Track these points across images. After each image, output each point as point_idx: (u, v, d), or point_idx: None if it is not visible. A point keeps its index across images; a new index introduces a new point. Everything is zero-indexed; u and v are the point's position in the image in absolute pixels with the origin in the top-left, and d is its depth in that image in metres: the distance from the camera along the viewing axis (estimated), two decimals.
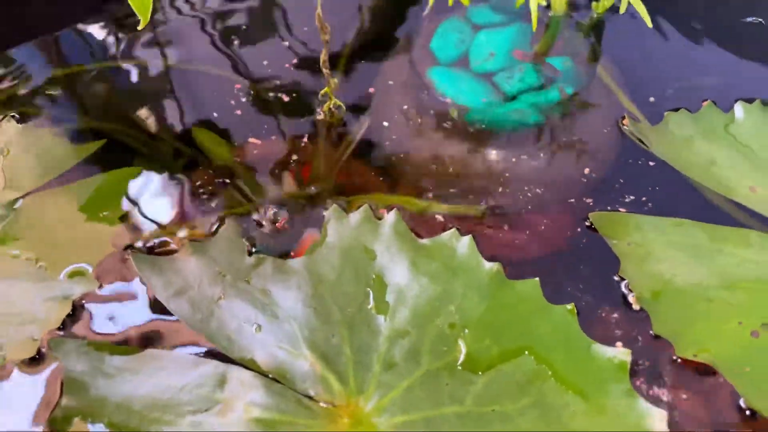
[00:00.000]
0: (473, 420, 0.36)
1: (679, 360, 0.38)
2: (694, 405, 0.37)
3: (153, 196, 0.47)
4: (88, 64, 0.57)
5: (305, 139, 0.51)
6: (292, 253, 0.43)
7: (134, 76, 0.56)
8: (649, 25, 0.47)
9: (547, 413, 0.36)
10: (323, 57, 0.47)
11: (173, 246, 0.43)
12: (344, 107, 0.51)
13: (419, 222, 0.46)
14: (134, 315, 0.41)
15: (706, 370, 0.38)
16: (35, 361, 0.38)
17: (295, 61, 0.56)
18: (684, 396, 0.37)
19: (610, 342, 0.39)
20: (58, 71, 0.56)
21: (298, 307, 0.40)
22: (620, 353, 0.37)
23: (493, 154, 0.51)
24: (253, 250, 0.43)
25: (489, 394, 0.36)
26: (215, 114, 0.53)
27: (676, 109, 0.51)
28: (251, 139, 0.51)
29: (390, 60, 0.58)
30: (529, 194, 0.48)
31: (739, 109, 0.50)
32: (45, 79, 0.55)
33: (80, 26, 0.60)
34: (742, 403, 0.37)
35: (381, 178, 0.49)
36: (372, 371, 0.38)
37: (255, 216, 0.45)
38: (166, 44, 0.59)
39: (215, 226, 0.45)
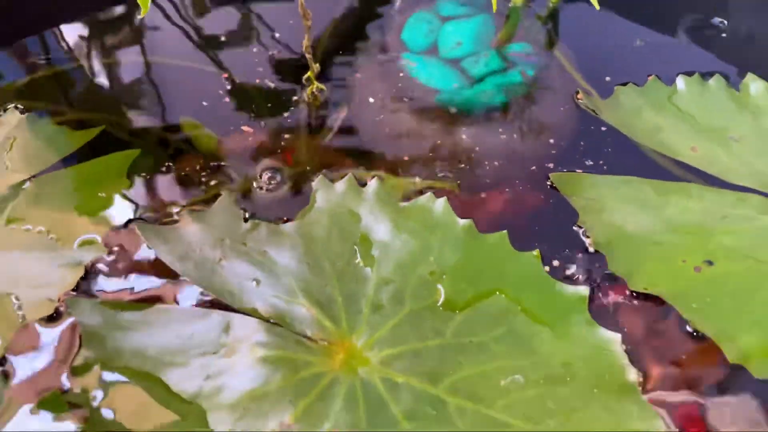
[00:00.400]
0: (454, 350, 0.40)
1: (632, 293, 0.43)
2: (646, 331, 0.42)
3: (150, 177, 0.51)
4: (75, 63, 0.61)
5: (288, 127, 0.55)
6: (284, 218, 0.48)
7: (120, 73, 0.60)
8: (597, 7, 0.53)
9: (518, 341, 0.40)
10: (305, 42, 0.51)
11: (175, 218, 0.47)
12: (326, 90, 0.56)
13: (398, 195, 0.50)
14: (142, 277, 0.45)
15: (655, 301, 0.43)
16: (53, 319, 0.42)
17: (274, 55, 0.61)
18: (637, 323, 0.42)
19: (571, 281, 0.44)
20: (48, 70, 0.60)
21: (293, 264, 0.44)
22: (580, 289, 0.42)
23: (463, 133, 0.56)
24: (247, 215, 0.47)
25: (467, 328, 0.41)
26: (201, 105, 0.57)
27: (625, 84, 0.57)
28: (239, 129, 0.55)
29: (364, 51, 0.63)
30: (497, 166, 0.53)
31: (680, 81, 0.56)
32: (36, 76, 0.59)
33: (64, 27, 0.64)
34: (688, 327, 0.42)
35: (360, 159, 0.54)
36: (362, 313, 0.42)
37: (254, 183, 0.49)
38: (149, 43, 0.63)
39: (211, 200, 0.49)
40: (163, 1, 0.67)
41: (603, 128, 0.54)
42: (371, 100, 0.58)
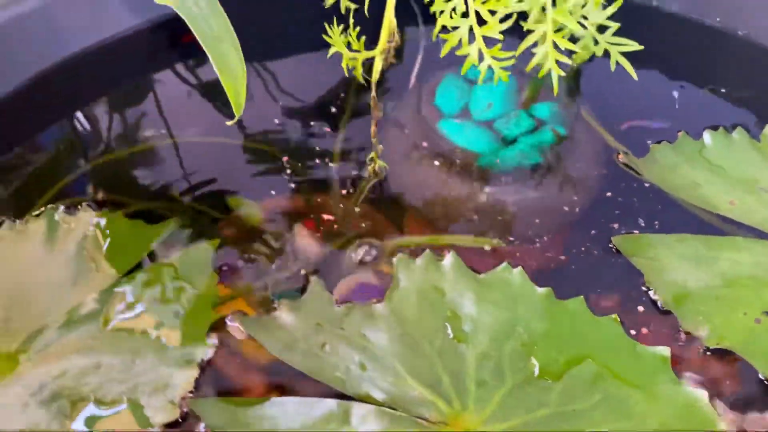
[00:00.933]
0: (559, 419, 0.44)
1: (706, 349, 0.48)
2: (725, 383, 0.46)
3: (229, 265, 0.54)
4: (104, 148, 0.62)
5: (321, 192, 0.58)
6: (374, 300, 0.51)
7: (154, 156, 0.62)
8: (635, 77, 0.57)
9: (614, 405, 0.44)
10: (373, 129, 0.55)
11: (274, 306, 0.50)
12: (387, 167, 0.59)
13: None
14: (252, 370, 0.47)
15: (729, 355, 0.47)
16: (178, 423, 0.44)
17: (294, 120, 0.64)
18: (716, 377, 0.47)
19: (650, 341, 0.48)
20: (88, 159, 0.62)
21: (393, 346, 0.47)
22: (661, 350, 0.46)
23: (504, 193, 0.60)
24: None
25: (567, 397, 0.45)
26: (230, 179, 0.60)
27: (658, 142, 0.61)
28: (272, 197, 0.58)
29: (396, 116, 0.67)
30: (541, 226, 0.57)
31: (707, 136, 0.61)
32: (80, 167, 0.61)
33: (83, 111, 0.66)
34: (760, 376, 0.46)
35: (400, 221, 0.57)
36: (468, 390, 0.45)
37: (352, 254, 0.53)
38: (173, 122, 0.65)
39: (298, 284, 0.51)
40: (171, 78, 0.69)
41: (646, 185, 0.59)
42: (416, 165, 0.62)
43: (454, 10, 0.47)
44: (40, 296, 0.49)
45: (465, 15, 0.47)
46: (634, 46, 0.55)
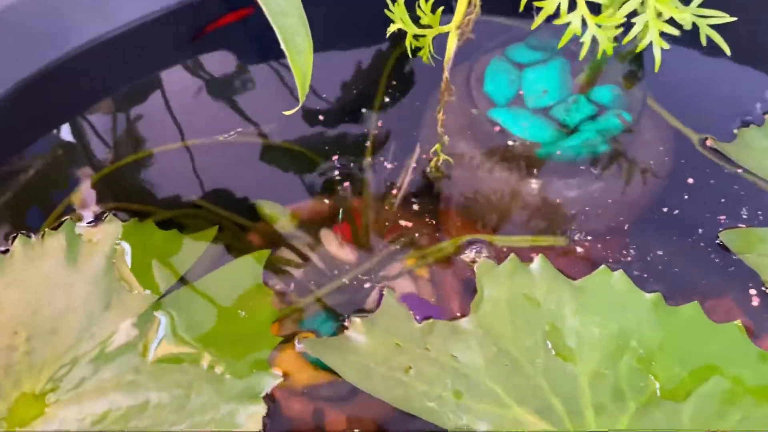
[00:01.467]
0: None
1: None
2: None
3: (279, 277, 0.46)
4: (114, 154, 0.55)
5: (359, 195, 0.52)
6: (458, 314, 0.44)
7: (170, 161, 0.55)
8: (727, 52, 0.51)
9: (757, 426, 0.38)
10: (440, 116, 0.48)
11: (345, 324, 0.43)
12: (452, 161, 0.52)
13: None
14: (326, 400, 0.40)
15: None
16: None
17: (326, 113, 0.57)
18: None
19: None
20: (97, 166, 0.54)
21: (489, 367, 0.40)
22: None
23: (573, 186, 0.53)
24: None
25: (701, 419, 0.38)
26: (246, 183, 0.53)
27: (746, 125, 0.55)
28: (302, 203, 0.51)
29: (451, 107, 0.60)
30: (622, 221, 0.51)
31: None
32: (89, 174, 0.53)
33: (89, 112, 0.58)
34: None
35: (460, 219, 0.50)
36: (585, 417, 0.38)
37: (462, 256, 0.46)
38: (184, 121, 0.58)
39: (374, 299, 0.44)
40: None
41: (736, 172, 0.52)
42: (466, 158, 0.55)
43: None
44: (65, 324, 0.42)
45: None
46: (724, 17, 0.49)
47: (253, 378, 0.40)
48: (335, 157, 0.54)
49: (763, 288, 0.45)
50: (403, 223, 0.50)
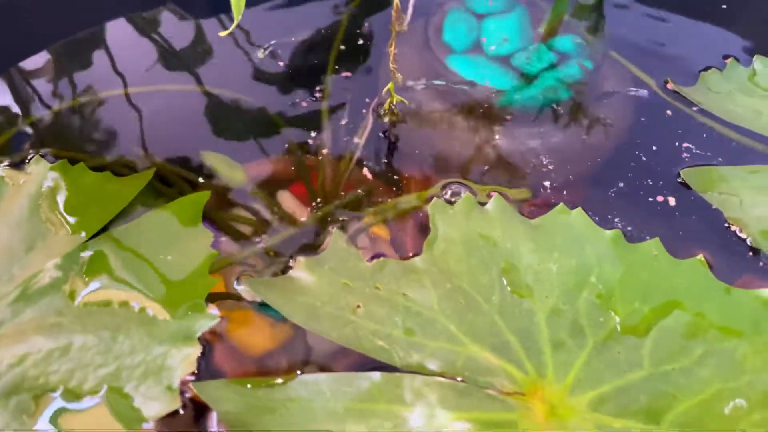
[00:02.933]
0: (659, 380, 0.35)
1: None
2: None
3: (220, 221, 0.44)
4: (57, 103, 0.52)
5: (325, 148, 0.49)
6: (410, 254, 0.41)
7: (113, 108, 0.52)
8: None
9: (721, 360, 0.36)
10: (392, 50, 0.45)
11: (290, 265, 0.40)
12: (406, 102, 0.50)
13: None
14: (267, 342, 0.37)
15: None
16: (177, 414, 0.34)
17: (281, 72, 0.54)
18: None
19: (743, 284, 0.40)
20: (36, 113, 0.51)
21: (443, 304, 0.38)
22: (762, 292, 0.39)
23: (534, 133, 0.52)
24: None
25: (662, 354, 0.36)
26: (214, 135, 0.50)
27: (706, 69, 0.54)
28: (258, 162, 0.49)
29: (410, 57, 0.58)
30: (588, 166, 0.49)
31: (758, 63, 0.54)
32: (27, 119, 0.50)
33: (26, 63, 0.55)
34: None
35: (424, 171, 0.48)
36: (543, 353, 0.36)
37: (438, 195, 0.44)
38: (131, 72, 0.55)
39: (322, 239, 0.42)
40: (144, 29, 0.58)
41: (690, 117, 0.51)
42: (425, 108, 0.53)
43: None
44: None
45: None
46: None
47: (189, 319, 0.37)
48: (292, 116, 0.51)
49: (725, 225, 0.44)
50: (361, 177, 0.47)
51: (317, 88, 0.53)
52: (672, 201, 0.45)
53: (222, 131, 0.51)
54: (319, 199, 0.45)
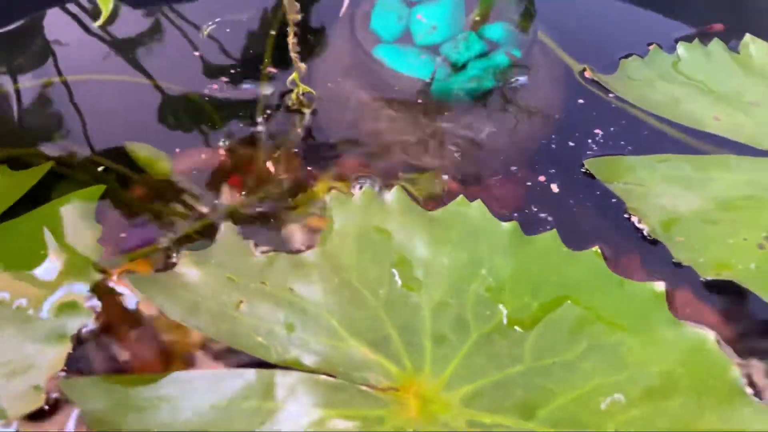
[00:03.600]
0: (539, 374, 0.35)
1: (705, 281, 0.40)
2: (730, 320, 0.39)
3: (119, 216, 0.43)
4: None
5: (257, 138, 0.48)
6: (302, 247, 0.41)
7: (34, 98, 0.51)
8: None
9: (605, 354, 0.36)
10: (291, 39, 0.44)
11: (173, 261, 0.39)
12: (314, 92, 0.49)
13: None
14: (145, 340, 0.36)
15: (730, 287, 0.39)
16: (45, 413, 0.33)
17: (214, 60, 0.53)
18: (719, 313, 0.39)
19: (638, 276, 0.39)
20: None
21: (327, 299, 0.37)
22: (654, 285, 0.38)
23: (457, 124, 0.51)
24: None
25: (545, 348, 0.36)
26: (145, 125, 0.49)
27: (627, 56, 0.53)
28: (201, 146, 0.48)
29: (327, 44, 0.57)
30: (504, 154, 0.49)
31: (681, 49, 0.53)
32: None
33: None
34: None
35: (345, 163, 0.47)
36: (424, 348, 0.36)
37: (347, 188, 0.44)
38: (63, 60, 0.54)
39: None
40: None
41: (611, 105, 0.50)
42: (350, 98, 0.52)
43: None
44: None
45: None
46: None
47: (64, 317, 0.36)
48: (227, 104, 0.50)
49: (625, 215, 0.43)
50: (288, 170, 0.46)
51: (253, 76, 0.52)
52: (575, 191, 0.45)
53: (153, 121, 0.50)
54: (244, 191, 0.45)
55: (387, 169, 0.47)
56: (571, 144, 0.48)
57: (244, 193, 0.45)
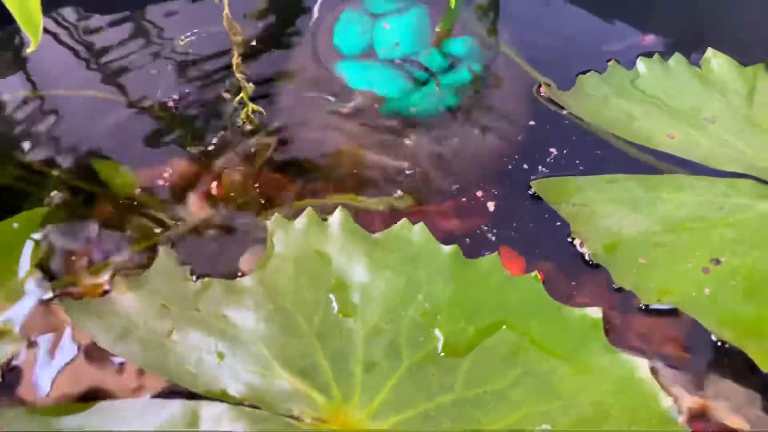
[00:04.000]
0: (468, 404, 0.34)
1: (646, 307, 0.39)
2: (669, 347, 0.38)
3: (64, 237, 0.43)
4: None
5: (216, 155, 0.48)
6: (239, 274, 0.40)
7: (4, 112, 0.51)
8: None
9: (537, 382, 0.35)
10: (236, 60, 0.44)
11: (106, 288, 0.39)
12: (264, 112, 0.48)
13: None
14: (75, 368, 0.36)
15: (672, 313, 0.39)
16: None
17: (187, 73, 0.53)
18: (658, 341, 0.38)
19: (578, 302, 0.39)
20: None
21: (260, 326, 0.37)
22: (591, 312, 0.38)
23: (416, 141, 0.50)
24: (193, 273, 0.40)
25: (477, 375, 0.35)
26: (109, 141, 0.49)
27: (585, 72, 0.52)
28: (160, 163, 0.48)
29: (291, 60, 0.56)
30: (460, 174, 0.48)
31: (641, 64, 0.52)
32: None
33: None
34: (713, 337, 0.38)
35: (303, 183, 0.47)
36: (354, 376, 0.36)
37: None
38: (35, 73, 0.54)
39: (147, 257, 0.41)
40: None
41: (566, 122, 0.50)
42: (309, 115, 0.52)
43: None
44: None
45: None
46: None
47: None
48: (199, 124, 0.50)
49: (568, 239, 0.42)
50: (237, 190, 0.46)
51: (224, 89, 0.52)
52: (521, 213, 0.44)
53: (120, 135, 0.50)
54: (193, 211, 0.44)
55: (338, 188, 0.47)
56: (524, 164, 0.47)
57: (193, 212, 0.44)
